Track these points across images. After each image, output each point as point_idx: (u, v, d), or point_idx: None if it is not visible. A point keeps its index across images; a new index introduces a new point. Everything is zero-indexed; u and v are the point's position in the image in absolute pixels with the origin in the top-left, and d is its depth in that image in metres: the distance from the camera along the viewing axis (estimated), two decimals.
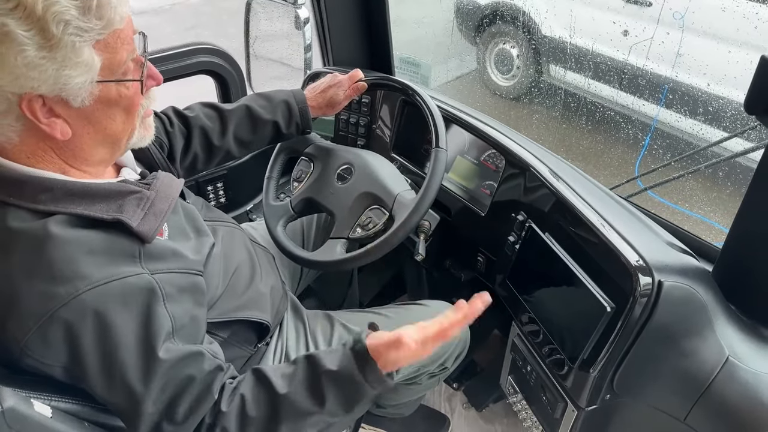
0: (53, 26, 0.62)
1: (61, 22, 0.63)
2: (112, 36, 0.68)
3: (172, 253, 0.77)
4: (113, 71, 0.71)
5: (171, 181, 0.84)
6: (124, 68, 0.72)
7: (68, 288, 0.65)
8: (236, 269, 0.97)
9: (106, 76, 0.70)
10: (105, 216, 0.71)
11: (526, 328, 1.11)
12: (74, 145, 0.73)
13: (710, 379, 0.86)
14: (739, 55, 2.07)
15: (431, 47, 3.46)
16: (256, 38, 1.70)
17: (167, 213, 0.78)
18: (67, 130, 0.71)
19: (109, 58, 0.69)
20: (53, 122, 0.69)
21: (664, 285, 0.84)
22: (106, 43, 0.68)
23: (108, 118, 0.74)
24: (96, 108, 0.72)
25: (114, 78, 0.71)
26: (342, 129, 1.52)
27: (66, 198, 0.71)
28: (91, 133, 0.74)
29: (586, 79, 2.86)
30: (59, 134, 0.70)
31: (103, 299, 0.67)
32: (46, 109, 0.68)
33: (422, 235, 1.15)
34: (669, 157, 2.47)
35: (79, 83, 0.67)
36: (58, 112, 0.69)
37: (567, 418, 1.04)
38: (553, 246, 1.01)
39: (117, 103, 0.74)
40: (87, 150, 0.75)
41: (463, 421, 1.64)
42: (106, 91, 0.71)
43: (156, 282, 0.72)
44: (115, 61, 0.70)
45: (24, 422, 0.62)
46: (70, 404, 0.72)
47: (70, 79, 0.66)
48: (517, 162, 1.15)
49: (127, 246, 0.72)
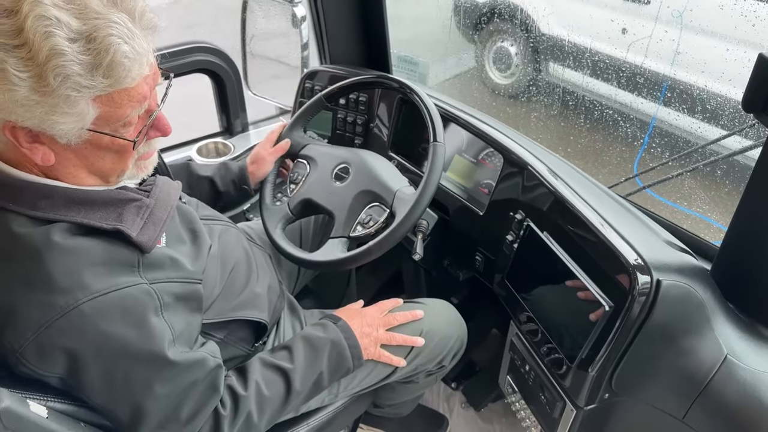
0: (51, 77, 0.60)
1: (59, 75, 0.60)
2: (120, 93, 0.65)
3: (170, 261, 0.76)
4: (110, 123, 0.68)
5: (169, 187, 0.83)
6: (125, 121, 0.69)
7: (67, 299, 0.65)
8: (233, 269, 0.97)
9: (100, 126, 0.67)
10: (104, 225, 0.70)
11: (524, 328, 1.11)
12: (57, 170, 0.71)
13: (709, 377, 0.86)
14: (737, 53, 2.07)
15: (429, 45, 3.46)
16: (253, 36, 1.69)
17: (166, 221, 0.77)
18: (49, 158, 0.68)
19: (109, 111, 0.66)
20: (35, 148, 0.67)
21: (663, 284, 0.84)
22: (110, 98, 0.65)
23: (96, 157, 0.72)
24: (84, 147, 0.69)
25: (108, 130, 0.68)
26: (339, 128, 1.51)
27: (65, 205, 0.70)
28: (77, 165, 0.72)
29: (585, 77, 2.85)
30: (40, 160, 0.68)
31: (102, 310, 0.66)
32: (31, 136, 0.66)
33: (420, 234, 1.14)
34: (668, 155, 2.47)
35: (66, 129, 0.64)
36: (43, 141, 0.67)
37: (566, 418, 1.04)
38: (552, 245, 1.00)
39: (108, 148, 0.71)
40: (72, 174, 0.73)
41: (461, 420, 1.64)
42: (97, 138, 0.68)
43: (154, 291, 0.71)
44: (115, 115, 0.67)
45: (20, 423, 0.62)
46: (66, 405, 0.72)
47: (56, 124, 0.63)
48: (515, 161, 1.14)
49: (127, 256, 0.71)
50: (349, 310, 1.09)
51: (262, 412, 0.86)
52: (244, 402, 0.84)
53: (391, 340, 1.06)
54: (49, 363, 0.67)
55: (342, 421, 1.18)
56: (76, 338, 0.65)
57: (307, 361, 0.94)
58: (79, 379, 0.68)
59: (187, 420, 0.76)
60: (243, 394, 0.84)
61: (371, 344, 1.03)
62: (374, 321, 1.06)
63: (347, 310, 1.09)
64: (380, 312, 1.09)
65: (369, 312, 1.08)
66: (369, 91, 1.43)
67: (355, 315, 1.06)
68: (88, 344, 0.66)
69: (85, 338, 0.66)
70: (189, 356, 0.75)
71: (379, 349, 1.05)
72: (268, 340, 1.07)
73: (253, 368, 0.90)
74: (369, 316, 1.07)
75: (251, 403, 0.85)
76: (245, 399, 0.84)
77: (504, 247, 1.14)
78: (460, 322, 1.23)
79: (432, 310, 1.19)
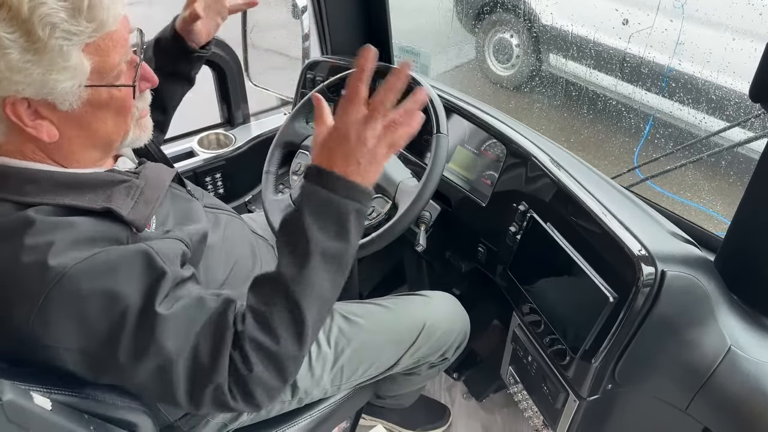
0: (39, 29, 0.59)
1: (47, 25, 0.59)
2: (104, 39, 0.65)
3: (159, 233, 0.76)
4: (104, 75, 0.68)
5: (160, 171, 0.82)
6: (116, 71, 0.69)
7: (56, 269, 0.63)
8: (238, 259, 0.96)
9: (96, 80, 0.67)
10: (94, 206, 0.69)
11: (527, 319, 1.11)
12: (63, 146, 0.71)
13: (712, 368, 0.85)
14: (742, 43, 2.05)
15: (430, 36, 3.44)
16: (254, 27, 1.68)
17: (158, 201, 0.76)
18: (54, 132, 0.68)
19: (100, 61, 0.66)
20: (39, 124, 0.66)
21: (667, 275, 0.84)
22: (97, 46, 0.65)
23: (98, 120, 0.71)
24: (85, 111, 0.69)
25: (104, 82, 0.68)
26: None
27: (53, 189, 0.69)
28: (80, 135, 0.71)
29: (587, 69, 2.84)
30: (45, 136, 0.67)
31: (94, 269, 0.65)
32: (32, 111, 0.65)
33: (423, 225, 1.14)
34: (671, 146, 2.46)
35: (66, 87, 0.64)
36: (45, 114, 0.66)
37: (568, 408, 1.04)
38: (555, 236, 1.00)
39: (108, 106, 0.70)
40: (77, 151, 0.73)
41: (463, 411, 1.64)
42: (95, 95, 0.68)
43: (148, 245, 0.69)
44: (106, 64, 0.67)
45: (24, 415, 0.62)
46: (69, 397, 0.72)
47: (57, 83, 0.63)
48: (518, 151, 1.14)
49: (117, 232, 0.70)
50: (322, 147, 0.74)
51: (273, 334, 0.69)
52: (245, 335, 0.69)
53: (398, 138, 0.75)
54: (61, 333, 0.65)
55: (344, 412, 1.18)
56: (75, 302, 0.64)
57: (290, 246, 0.72)
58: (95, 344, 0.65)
59: (209, 364, 0.67)
60: (241, 329, 0.69)
61: (369, 164, 0.73)
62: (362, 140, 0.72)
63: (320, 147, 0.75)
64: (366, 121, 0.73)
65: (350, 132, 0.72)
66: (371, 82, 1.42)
67: (332, 150, 0.73)
68: (88, 305, 0.64)
69: (83, 300, 0.64)
70: (183, 302, 0.69)
71: (383, 156, 0.75)
72: None
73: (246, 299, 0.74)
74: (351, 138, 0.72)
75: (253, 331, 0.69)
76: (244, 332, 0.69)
77: (507, 239, 1.14)
78: (463, 314, 1.23)
79: (435, 303, 1.19)
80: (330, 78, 1.28)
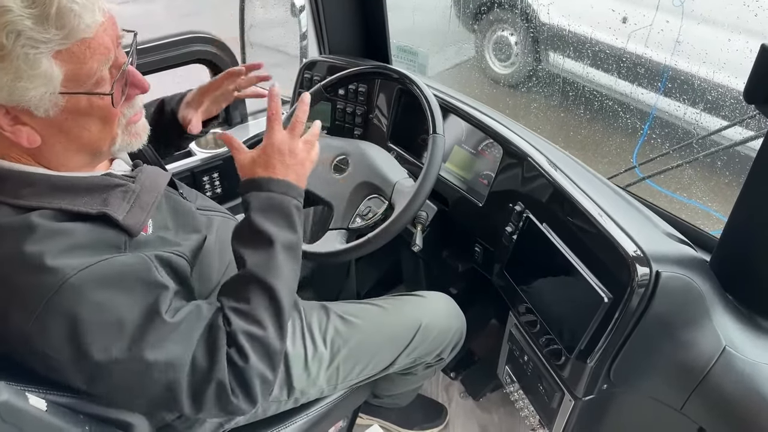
0: (3, 37, 0.58)
1: (12, 33, 0.59)
2: (78, 46, 0.63)
3: (157, 240, 0.76)
4: (81, 82, 0.66)
5: (157, 175, 0.82)
6: (96, 78, 0.67)
7: (57, 276, 0.63)
8: (231, 260, 0.96)
9: (72, 87, 0.65)
10: (90, 210, 0.69)
11: (523, 319, 1.11)
12: (47, 151, 0.70)
13: (707, 368, 0.86)
14: (738, 43, 2.05)
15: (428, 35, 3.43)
16: (252, 26, 1.68)
17: (153, 205, 0.76)
18: (35, 138, 0.67)
19: (75, 68, 0.64)
20: (18, 130, 0.66)
21: (662, 275, 0.84)
22: (71, 53, 0.63)
23: (80, 127, 0.70)
24: (65, 118, 0.67)
25: (82, 90, 0.66)
26: (339, 118, 1.51)
27: (49, 192, 0.69)
28: (63, 141, 0.70)
29: (585, 67, 2.84)
30: (25, 142, 0.67)
31: (94, 279, 0.65)
32: (10, 117, 0.65)
33: (419, 225, 1.14)
34: (668, 146, 2.46)
35: (37, 95, 0.63)
36: (25, 120, 0.66)
37: (564, 408, 1.04)
38: (551, 236, 1.00)
39: (89, 114, 0.69)
40: (62, 156, 0.72)
41: (460, 410, 1.65)
42: (74, 102, 0.67)
43: (146, 257, 0.70)
44: (82, 72, 0.65)
45: (19, 416, 0.62)
46: (65, 398, 0.72)
47: (26, 90, 0.62)
48: (515, 152, 1.14)
49: (113, 237, 0.70)
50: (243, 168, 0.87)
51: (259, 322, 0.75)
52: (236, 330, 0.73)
53: None
54: (54, 340, 0.65)
55: (341, 412, 1.18)
56: (72, 310, 0.64)
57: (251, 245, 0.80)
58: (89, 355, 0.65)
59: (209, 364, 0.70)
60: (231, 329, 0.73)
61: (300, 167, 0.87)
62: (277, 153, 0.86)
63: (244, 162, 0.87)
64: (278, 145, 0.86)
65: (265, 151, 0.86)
66: (368, 81, 1.42)
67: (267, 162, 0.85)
68: (86, 315, 0.64)
69: (81, 308, 0.64)
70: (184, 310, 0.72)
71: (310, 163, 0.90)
72: None
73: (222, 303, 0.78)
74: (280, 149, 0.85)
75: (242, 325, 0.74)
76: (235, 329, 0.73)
77: (503, 239, 1.14)
78: (459, 314, 1.23)
79: (431, 303, 1.19)
80: (328, 77, 1.28)
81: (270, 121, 0.86)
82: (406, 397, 1.42)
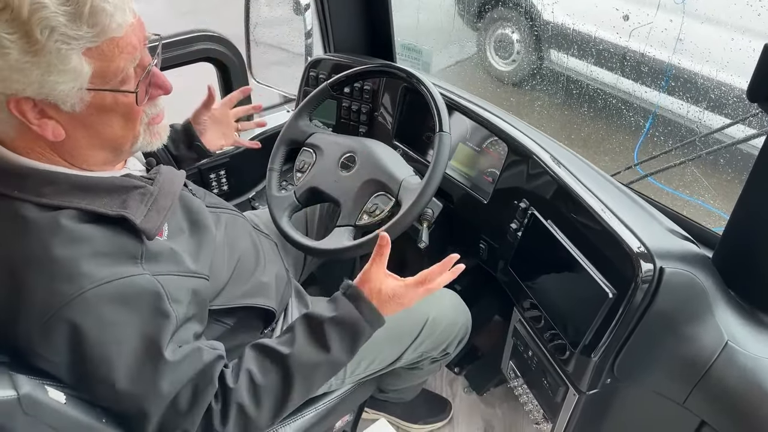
0: (38, 32, 0.60)
1: (46, 28, 0.60)
2: (108, 44, 0.65)
3: (171, 253, 0.77)
4: (107, 79, 0.68)
5: (173, 176, 0.84)
6: (121, 76, 0.69)
7: (73, 286, 0.66)
8: (240, 257, 0.98)
9: (99, 84, 0.67)
10: (109, 211, 0.71)
11: (527, 314, 1.12)
12: (70, 146, 0.72)
13: (709, 363, 0.87)
14: (741, 42, 2.06)
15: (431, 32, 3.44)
16: (257, 24, 1.69)
17: (170, 209, 0.78)
18: (59, 132, 0.69)
19: (103, 66, 0.66)
20: (44, 123, 0.67)
21: (666, 271, 0.85)
22: (100, 50, 0.65)
23: (103, 124, 0.71)
24: (89, 114, 0.69)
25: (108, 87, 0.68)
26: (344, 116, 1.52)
27: (70, 191, 0.70)
28: (86, 136, 0.72)
29: (587, 65, 2.84)
30: (51, 135, 0.68)
31: (107, 298, 0.67)
32: (37, 110, 0.66)
33: (425, 222, 1.16)
34: (671, 143, 2.47)
35: (66, 89, 0.65)
36: (51, 114, 0.67)
37: (568, 402, 1.06)
38: (556, 233, 1.01)
39: (113, 111, 0.71)
40: (84, 151, 0.74)
41: (464, 404, 1.66)
42: (99, 99, 0.68)
43: (159, 283, 0.72)
44: (109, 69, 0.67)
45: (39, 408, 0.64)
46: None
47: (56, 85, 0.64)
48: (519, 149, 1.15)
49: (130, 245, 0.72)
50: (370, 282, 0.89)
51: (258, 403, 0.79)
52: (234, 394, 0.78)
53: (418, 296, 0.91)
54: (56, 350, 0.67)
55: (348, 406, 1.20)
56: (80, 324, 0.66)
57: (309, 340, 0.83)
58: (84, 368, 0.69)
59: (186, 411, 0.74)
60: (232, 387, 0.78)
61: (392, 304, 0.89)
62: (399, 294, 0.89)
63: (368, 283, 0.89)
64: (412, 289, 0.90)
65: (396, 289, 0.89)
66: (374, 79, 1.43)
67: (384, 300, 0.88)
68: (92, 331, 0.67)
69: (88, 325, 0.66)
70: (185, 349, 0.75)
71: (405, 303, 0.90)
72: (276, 326, 1.09)
73: (247, 356, 0.83)
74: (395, 293, 0.89)
75: (243, 394, 0.78)
76: (234, 392, 0.78)
77: (508, 235, 1.15)
78: (465, 310, 1.24)
79: (437, 299, 1.21)
80: (333, 75, 1.29)
81: (419, 280, 0.90)
82: (411, 391, 1.43)
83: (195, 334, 0.81)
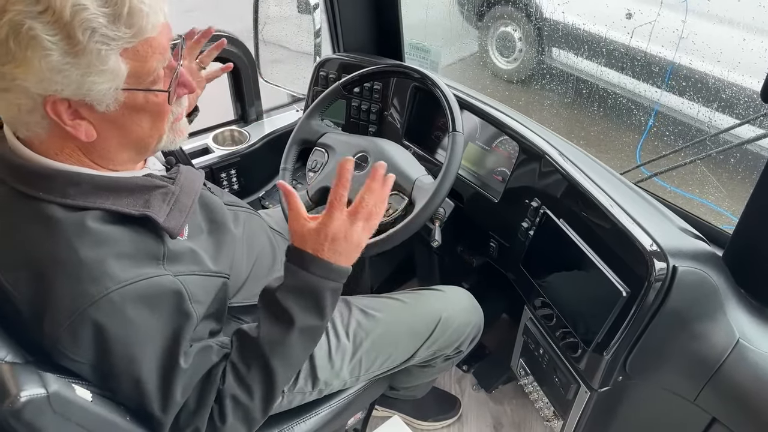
0: (79, 33, 0.61)
1: (87, 30, 0.61)
2: (143, 44, 0.67)
3: (191, 254, 0.79)
4: (141, 79, 0.69)
5: (193, 176, 0.84)
6: (153, 76, 0.70)
7: (98, 287, 0.67)
8: (258, 254, 0.99)
9: (133, 84, 0.69)
10: (132, 211, 0.72)
11: (539, 312, 1.13)
12: (100, 146, 0.73)
13: (721, 361, 0.88)
14: (753, 43, 2.06)
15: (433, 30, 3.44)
16: (266, 24, 1.70)
17: (191, 208, 0.79)
18: (92, 133, 0.70)
19: (137, 66, 0.68)
20: (78, 124, 0.68)
21: (679, 270, 0.86)
22: (136, 51, 0.67)
23: (134, 123, 0.73)
24: (122, 113, 0.71)
25: (141, 86, 0.70)
26: (354, 116, 1.53)
27: (94, 192, 0.71)
28: (116, 136, 0.73)
29: (589, 63, 2.84)
30: (84, 136, 0.69)
31: (131, 298, 0.68)
32: (71, 111, 0.67)
33: (438, 221, 1.16)
34: (681, 143, 2.47)
35: (103, 90, 0.66)
36: (84, 114, 0.69)
37: (579, 399, 1.07)
38: (568, 232, 1.02)
39: (144, 110, 0.72)
40: (113, 151, 0.75)
41: (473, 402, 1.67)
42: (132, 98, 0.70)
43: (180, 283, 0.74)
44: (143, 69, 0.68)
45: (67, 406, 0.65)
46: None
47: (94, 85, 0.65)
48: (530, 148, 1.16)
49: (152, 246, 0.73)
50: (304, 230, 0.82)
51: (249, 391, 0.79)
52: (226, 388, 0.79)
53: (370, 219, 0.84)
54: (81, 350, 0.69)
55: (360, 404, 1.21)
56: (105, 326, 0.67)
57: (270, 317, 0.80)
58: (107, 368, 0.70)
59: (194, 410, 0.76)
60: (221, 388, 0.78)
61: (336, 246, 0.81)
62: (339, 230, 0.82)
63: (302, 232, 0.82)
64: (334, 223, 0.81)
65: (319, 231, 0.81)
66: (384, 79, 1.44)
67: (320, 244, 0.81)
68: (116, 331, 0.68)
69: (113, 325, 0.68)
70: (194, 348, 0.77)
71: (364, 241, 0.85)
72: None
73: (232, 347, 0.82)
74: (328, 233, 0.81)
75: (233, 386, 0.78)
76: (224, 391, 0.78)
77: (519, 234, 1.16)
78: (477, 308, 1.25)
79: (450, 297, 1.22)
80: (343, 75, 1.30)
81: (330, 205, 0.81)
82: (423, 389, 1.44)
83: (211, 331, 0.82)
